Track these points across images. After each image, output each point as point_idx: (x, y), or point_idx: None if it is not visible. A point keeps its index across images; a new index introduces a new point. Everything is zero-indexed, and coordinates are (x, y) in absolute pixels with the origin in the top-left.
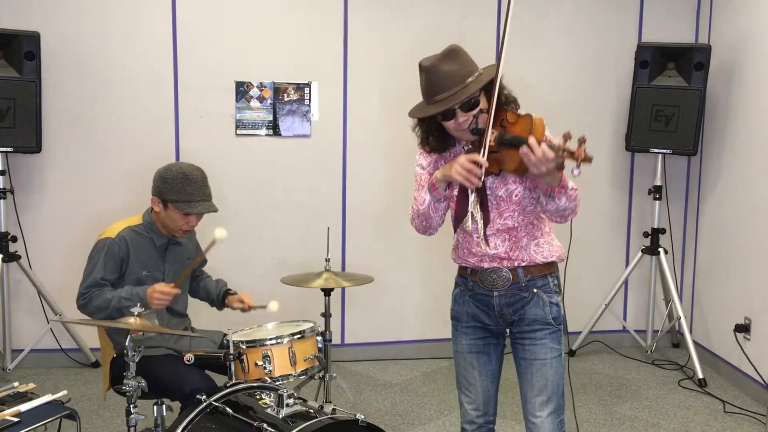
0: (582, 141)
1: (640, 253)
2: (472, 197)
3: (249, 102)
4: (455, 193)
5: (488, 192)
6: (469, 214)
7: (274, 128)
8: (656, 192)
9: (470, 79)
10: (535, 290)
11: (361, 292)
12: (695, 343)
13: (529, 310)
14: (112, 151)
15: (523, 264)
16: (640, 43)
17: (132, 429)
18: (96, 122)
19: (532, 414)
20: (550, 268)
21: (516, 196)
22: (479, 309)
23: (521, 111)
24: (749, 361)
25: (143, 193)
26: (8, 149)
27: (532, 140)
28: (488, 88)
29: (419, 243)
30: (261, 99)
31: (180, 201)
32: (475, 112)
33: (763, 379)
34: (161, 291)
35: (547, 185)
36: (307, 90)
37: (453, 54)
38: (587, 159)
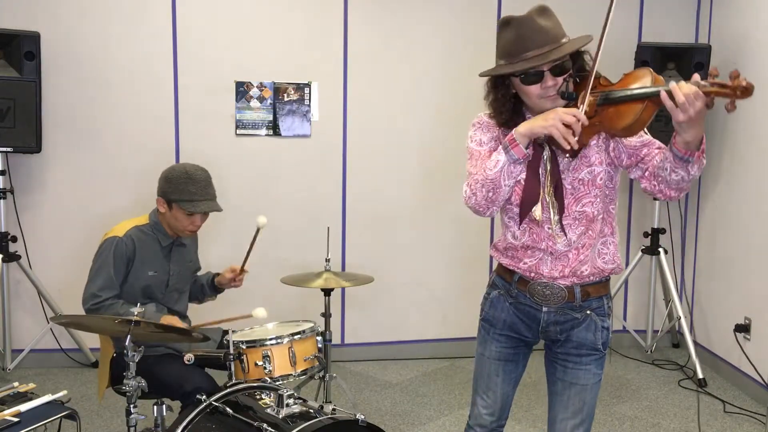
0: (735, 75)
1: (640, 253)
2: (545, 180)
3: (249, 102)
4: (522, 176)
5: (563, 176)
6: (540, 202)
7: (274, 128)
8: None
9: (564, 40)
10: (588, 312)
11: (361, 292)
12: (695, 343)
13: (579, 333)
14: (112, 151)
15: (585, 273)
16: (640, 43)
17: (132, 429)
18: (96, 122)
19: None
20: (606, 288)
21: (600, 179)
22: (519, 320)
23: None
24: (749, 361)
25: (143, 192)
26: (8, 149)
27: (672, 84)
28: (576, 58)
29: (419, 243)
30: (261, 99)
31: (184, 201)
32: (565, 76)
33: (763, 379)
34: (173, 325)
35: (686, 146)
36: (307, 90)
37: (547, 11)
38: (747, 90)
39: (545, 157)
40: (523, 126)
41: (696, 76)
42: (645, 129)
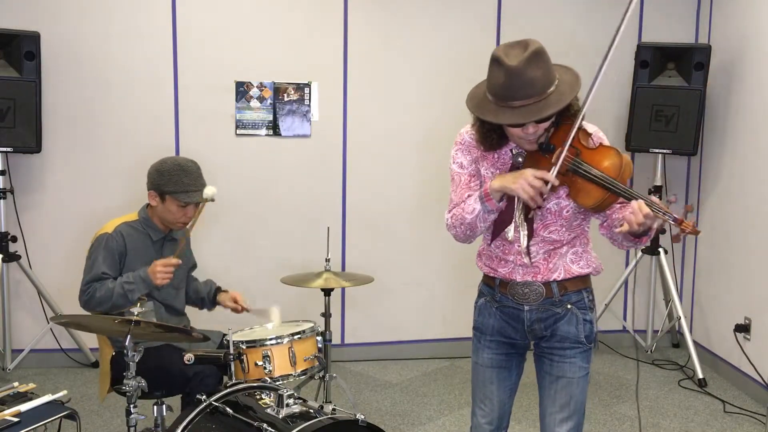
0: (689, 210)
1: (640, 253)
2: (518, 206)
3: (249, 102)
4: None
5: None
6: (513, 224)
7: (274, 128)
8: (656, 192)
9: (551, 90)
10: (569, 306)
11: (361, 292)
12: (695, 343)
13: (561, 327)
14: (112, 151)
15: (559, 278)
16: (640, 43)
17: (132, 429)
18: (96, 122)
19: (551, 429)
20: (585, 282)
21: (567, 212)
22: (506, 323)
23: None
24: (749, 361)
25: (143, 192)
26: (8, 149)
27: (636, 204)
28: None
29: (419, 243)
30: (261, 99)
31: (178, 192)
32: (546, 125)
33: (763, 379)
34: (163, 264)
35: (636, 234)
36: (307, 90)
37: (538, 56)
38: (694, 232)
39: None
40: (496, 182)
41: (655, 200)
42: None
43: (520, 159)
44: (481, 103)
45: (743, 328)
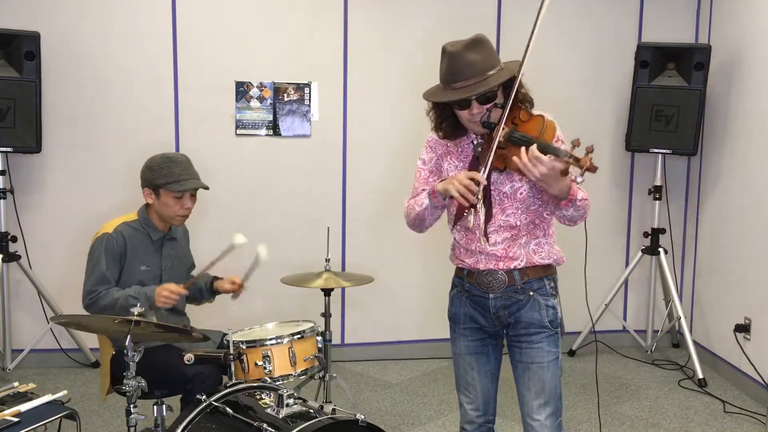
0: (589, 150)
1: (640, 253)
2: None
3: (249, 102)
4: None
5: (492, 188)
6: (471, 209)
7: (274, 128)
8: (656, 192)
9: (491, 72)
10: (531, 293)
11: (361, 292)
12: (695, 343)
13: (525, 314)
14: (112, 151)
15: (520, 266)
16: (640, 43)
17: (132, 429)
18: (96, 122)
19: (530, 417)
20: (547, 270)
21: (521, 194)
22: (475, 310)
23: (535, 111)
24: (749, 361)
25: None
26: (8, 149)
27: (523, 149)
28: (507, 85)
29: (419, 243)
30: (261, 99)
31: (170, 182)
32: (489, 105)
33: (763, 379)
34: (170, 290)
35: (553, 196)
36: (307, 90)
37: (478, 43)
38: (592, 168)
39: (480, 168)
40: (439, 185)
41: (561, 144)
42: None
43: (479, 149)
44: (432, 91)
45: (743, 328)
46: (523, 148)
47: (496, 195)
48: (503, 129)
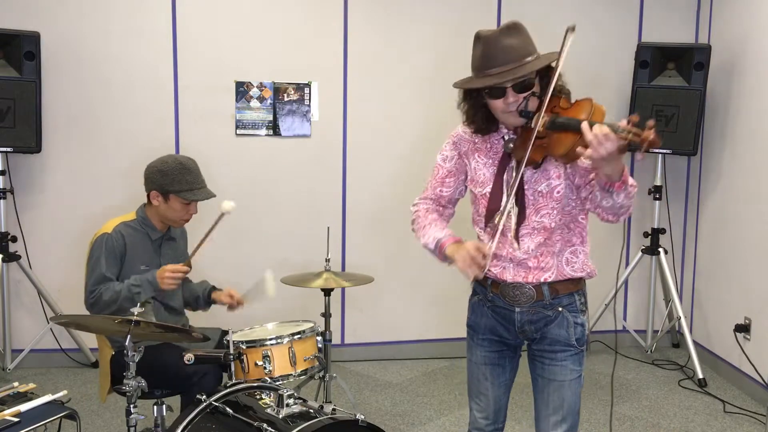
0: (651, 126)
1: (640, 253)
2: (509, 191)
3: (249, 102)
4: (487, 190)
5: (526, 186)
6: (502, 209)
7: (274, 128)
8: (656, 192)
9: (529, 59)
10: (560, 309)
11: (361, 292)
12: (695, 343)
13: (552, 330)
14: (112, 151)
15: (550, 279)
16: (640, 43)
17: (132, 429)
18: (96, 122)
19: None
20: (578, 285)
21: (558, 192)
22: (498, 322)
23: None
24: (749, 361)
25: (143, 192)
26: (8, 149)
27: (584, 125)
28: (543, 75)
29: (419, 243)
30: (261, 99)
31: (182, 190)
32: (526, 94)
33: (763, 379)
34: (172, 270)
35: (607, 178)
36: (307, 90)
37: (515, 28)
38: (655, 142)
39: (511, 166)
40: (449, 249)
41: (622, 122)
42: None
43: (510, 144)
44: (463, 80)
45: (743, 328)
46: (587, 125)
47: (530, 194)
48: (543, 117)
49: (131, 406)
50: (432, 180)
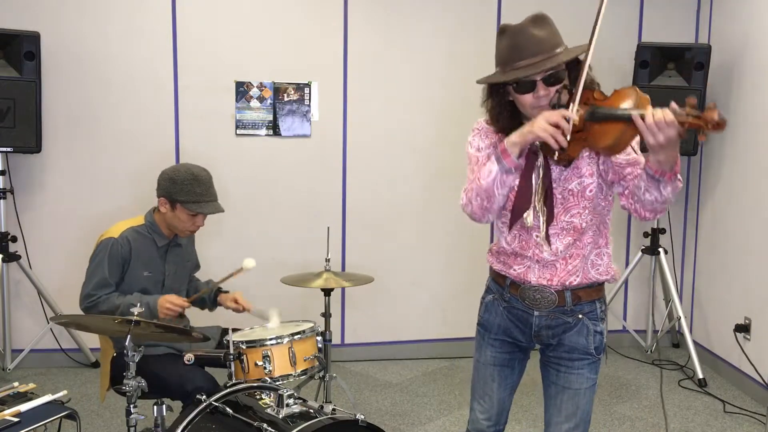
0: (712, 107)
1: (640, 253)
2: (537, 188)
3: (249, 102)
4: (516, 182)
5: (555, 185)
6: (531, 208)
7: (274, 128)
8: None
9: (559, 50)
10: (580, 316)
11: (361, 292)
12: (695, 343)
13: (571, 337)
14: (112, 151)
15: (574, 283)
16: (640, 43)
17: (132, 429)
18: (96, 122)
19: None
20: (599, 292)
21: (590, 191)
22: (513, 324)
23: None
24: (749, 361)
25: (143, 192)
26: (8, 149)
27: (637, 113)
28: (571, 69)
29: (419, 243)
30: (261, 99)
31: (190, 202)
32: (558, 87)
33: (763, 379)
34: (172, 302)
35: (658, 165)
36: (307, 90)
37: (543, 20)
38: (720, 124)
39: (538, 164)
40: (514, 135)
41: (673, 105)
42: (635, 147)
43: (536, 142)
44: (488, 77)
45: (743, 328)
46: (639, 114)
47: (559, 193)
48: (578, 110)
49: (131, 406)
50: (472, 168)
